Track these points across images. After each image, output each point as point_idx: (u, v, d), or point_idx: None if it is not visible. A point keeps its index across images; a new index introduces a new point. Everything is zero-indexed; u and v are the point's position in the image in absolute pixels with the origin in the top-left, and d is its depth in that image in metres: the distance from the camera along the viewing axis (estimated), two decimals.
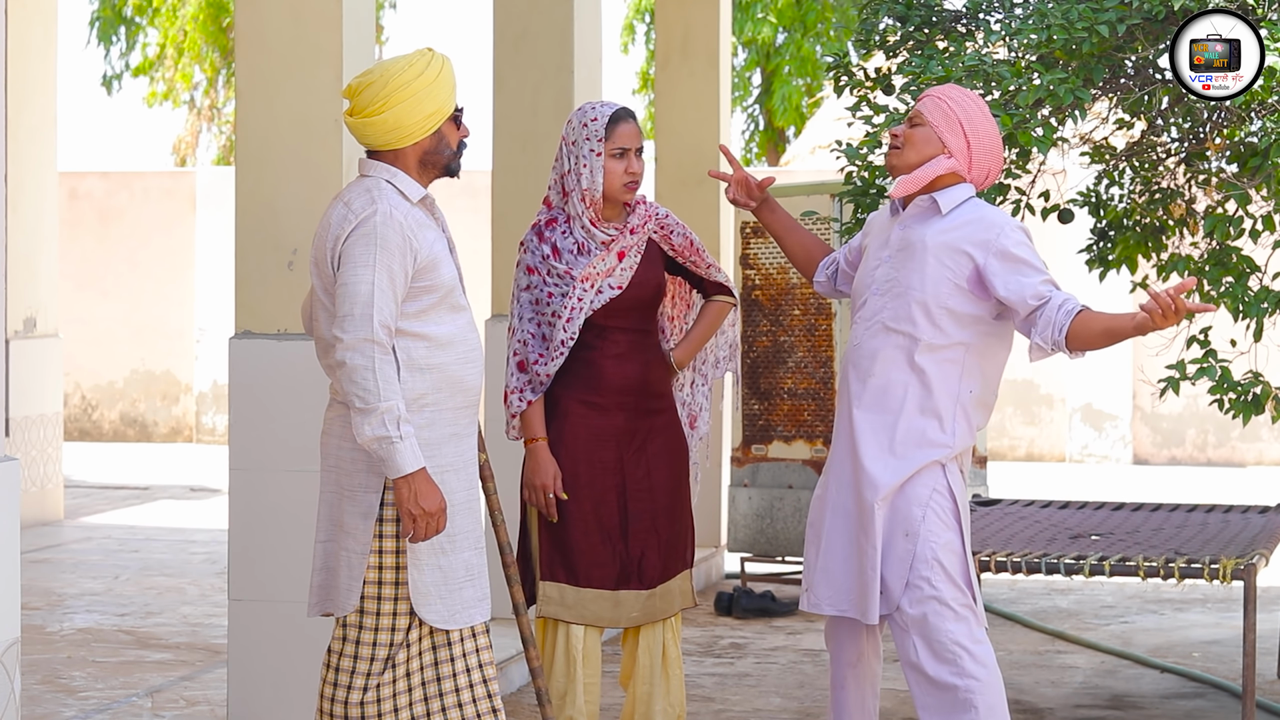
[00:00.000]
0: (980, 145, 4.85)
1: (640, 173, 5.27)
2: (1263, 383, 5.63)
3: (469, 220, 15.15)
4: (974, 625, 4.81)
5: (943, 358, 4.82)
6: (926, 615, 4.77)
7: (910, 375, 4.82)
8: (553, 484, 5.25)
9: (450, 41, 44.66)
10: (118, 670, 7.05)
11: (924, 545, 4.78)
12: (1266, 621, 7.65)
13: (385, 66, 4.48)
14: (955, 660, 4.77)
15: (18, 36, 10.69)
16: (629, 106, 5.37)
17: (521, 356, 5.31)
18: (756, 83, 24.22)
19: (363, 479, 4.45)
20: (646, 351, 5.38)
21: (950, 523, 4.80)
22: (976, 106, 4.88)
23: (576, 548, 5.28)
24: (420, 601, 4.45)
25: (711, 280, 5.52)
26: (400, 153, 4.51)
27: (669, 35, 9.89)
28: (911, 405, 4.82)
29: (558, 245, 5.28)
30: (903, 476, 4.79)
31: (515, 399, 5.29)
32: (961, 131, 4.83)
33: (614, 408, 5.32)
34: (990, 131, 4.88)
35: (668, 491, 5.40)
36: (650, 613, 5.36)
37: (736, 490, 8.99)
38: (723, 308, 5.53)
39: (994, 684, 4.80)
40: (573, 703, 5.27)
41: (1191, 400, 14.91)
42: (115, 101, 51.97)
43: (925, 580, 4.77)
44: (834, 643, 5.04)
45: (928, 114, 4.86)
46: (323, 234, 4.46)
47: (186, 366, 16.74)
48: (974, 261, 4.77)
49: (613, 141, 5.24)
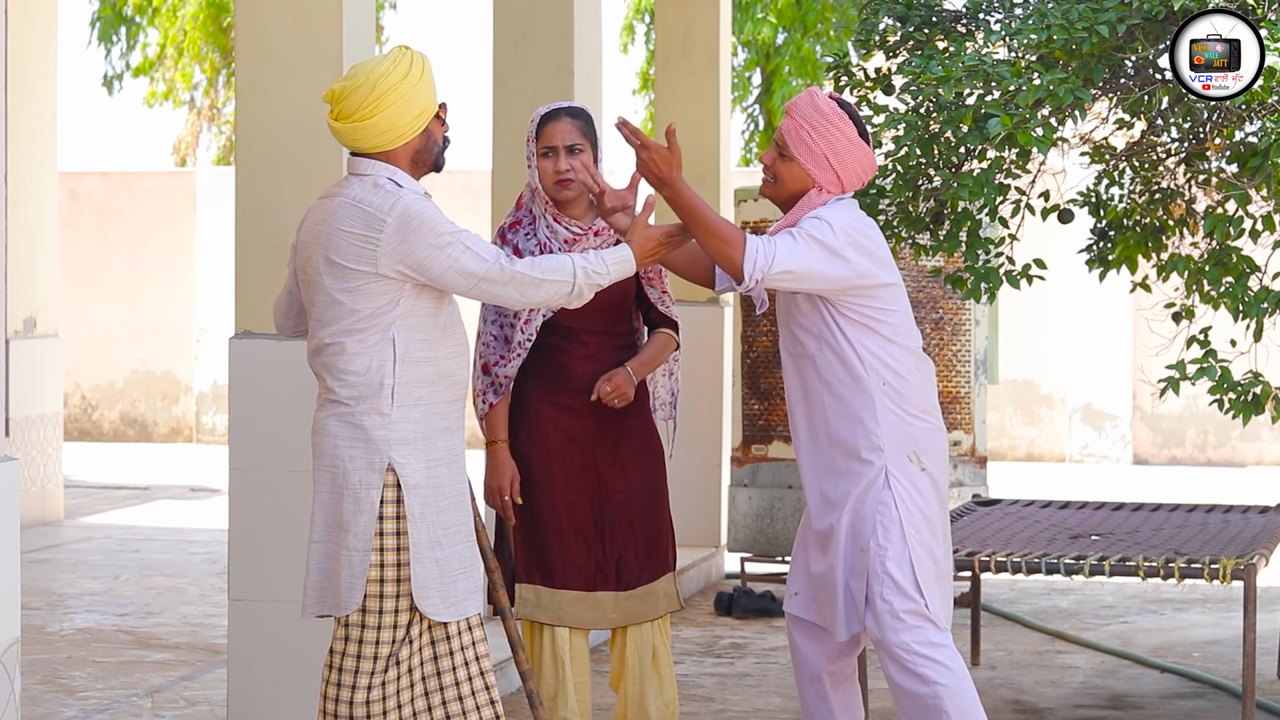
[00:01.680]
0: (849, 168, 4.87)
1: (574, 169, 5.21)
2: (1263, 383, 5.63)
3: (469, 220, 15.07)
4: (931, 632, 4.82)
5: (836, 362, 4.85)
6: (882, 628, 4.82)
7: (821, 391, 4.88)
8: (509, 487, 5.27)
9: (450, 41, 44.64)
10: (118, 670, 7.05)
11: (874, 560, 4.83)
12: (1266, 621, 7.65)
13: (369, 70, 4.47)
14: (916, 669, 4.81)
15: (18, 36, 10.69)
16: (577, 106, 5.37)
17: (485, 359, 5.34)
18: (756, 83, 24.21)
19: (362, 476, 4.46)
20: (618, 353, 5.38)
21: (895, 534, 4.82)
22: (836, 126, 4.84)
23: (551, 549, 5.30)
24: (419, 595, 4.47)
25: (661, 310, 5.46)
26: (391, 154, 4.52)
27: (669, 35, 9.89)
28: (835, 420, 4.86)
29: (519, 247, 5.30)
30: (842, 480, 4.85)
31: (479, 402, 5.34)
32: (828, 164, 4.85)
33: (584, 409, 5.32)
34: (855, 151, 4.86)
35: (644, 492, 5.40)
36: (630, 614, 5.36)
37: (736, 490, 8.99)
38: (669, 340, 5.45)
39: (961, 686, 4.82)
40: (564, 703, 5.28)
41: (1191, 400, 14.91)
42: (115, 101, 51.92)
43: (878, 594, 4.82)
44: (801, 643, 5.07)
45: (793, 147, 4.86)
46: (333, 232, 4.44)
47: (186, 366, 16.74)
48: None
49: (541, 140, 5.29)
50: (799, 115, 4.86)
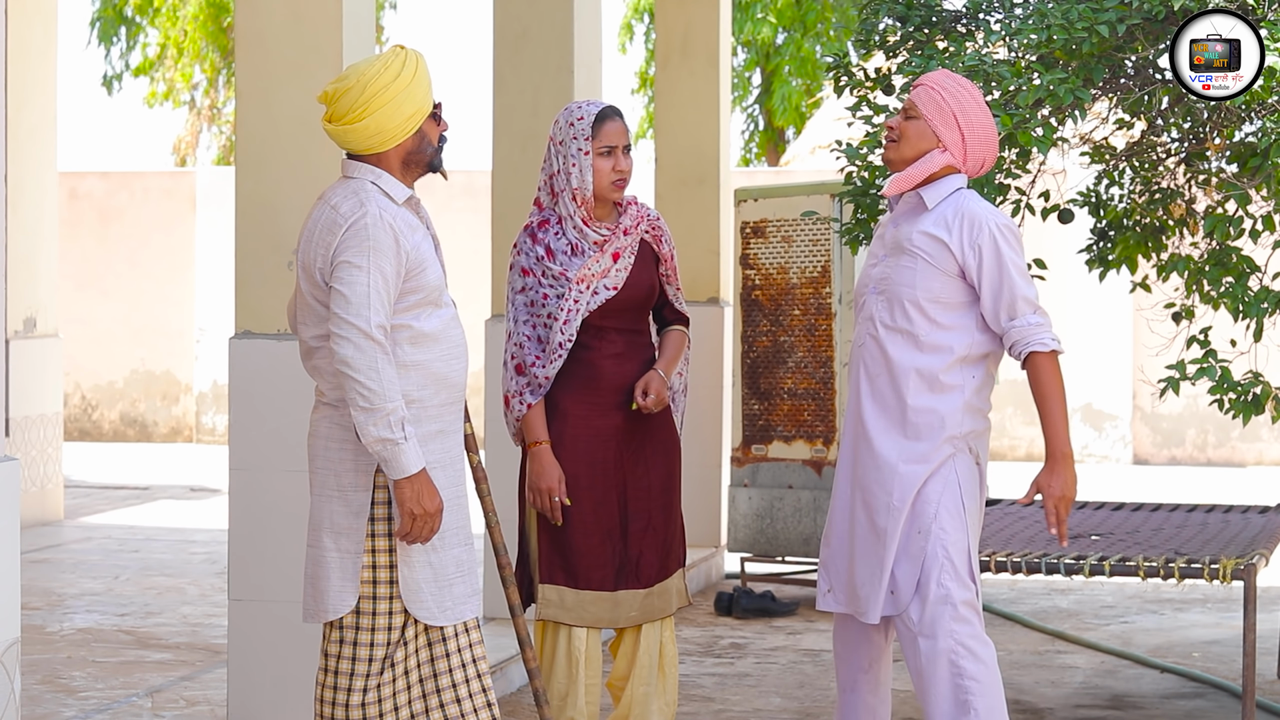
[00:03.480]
0: (975, 136, 4.85)
1: (628, 170, 5.26)
2: (1263, 383, 5.63)
3: (469, 220, 15.14)
4: (977, 625, 4.81)
5: (942, 347, 4.83)
6: (934, 615, 4.77)
7: (912, 369, 4.84)
8: (558, 487, 5.24)
9: (450, 41, 44.68)
10: (118, 670, 7.05)
11: (935, 543, 4.79)
12: (1266, 621, 7.65)
13: (361, 71, 4.46)
14: (957, 660, 4.77)
15: (18, 36, 10.69)
16: (615, 105, 5.38)
17: (519, 359, 5.30)
18: (756, 83, 24.22)
19: (352, 478, 4.46)
20: (643, 350, 5.38)
21: (959, 519, 4.81)
22: (970, 95, 4.87)
23: (577, 550, 5.27)
24: (412, 599, 4.46)
25: (677, 307, 5.47)
26: (383, 155, 4.51)
27: (669, 35, 9.89)
28: (916, 395, 4.83)
29: (551, 246, 5.27)
30: (915, 458, 4.80)
31: (516, 402, 5.29)
32: (956, 124, 4.83)
33: (612, 407, 5.32)
34: (984, 121, 4.87)
35: (663, 488, 5.40)
36: (648, 612, 5.36)
37: (736, 490, 8.99)
38: (683, 337, 5.47)
39: (993, 685, 4.80)
40: (574, 704, 5.27)
41: (1191, 400, 14.91)
42: (115, 101, 51.97)
43: (935, 580, 4.78)
44: (842, 645, 5.03)
45: (921, 106, 4.86)
46: (311, 239, 4.46)
47: (186, 366, 16.73)
48: (955, 259, 4.79)
49: (599, 140, 5.24)
50: (932, 81, 4.88)
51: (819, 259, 8.66)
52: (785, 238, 8.75)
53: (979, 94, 4.89)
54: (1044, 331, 4.79)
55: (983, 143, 4.87)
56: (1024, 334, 4.78)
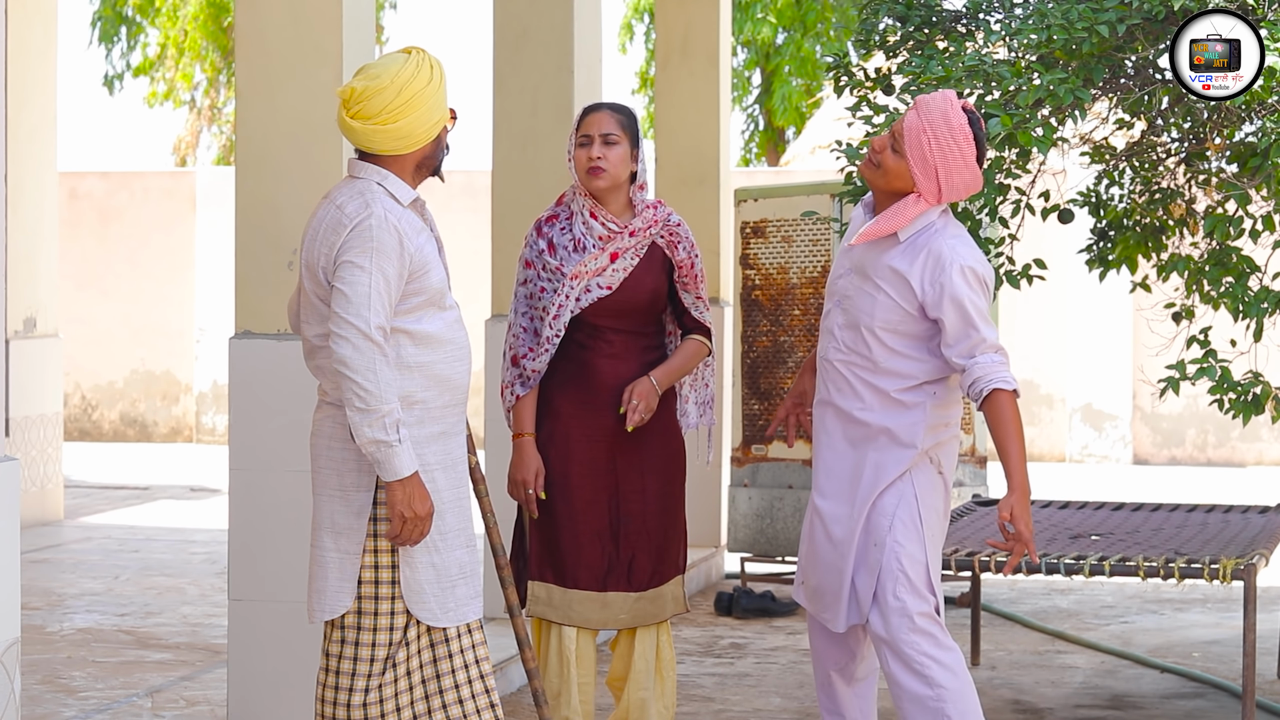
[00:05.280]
0: (951, 188, 4.80)
1: (602, 159, 5.23)
2: (1263, 383, 5.63)
3: (469, 220, 15.14)
4: (939, 634, 4.82)
5: (901, 373, 4.83)
6: (892, 628, 4.80)
7: (868, 387, 4.85)
8: (533, 480, 5.26)
9: (450, 41, 44.67)
10: (118, 670, 7.05)
11: (889, 556, 4.81)
12: (1266, 621, 7.65)
13: (394, 73, 4.42)
14: (923, 670, 4.80)
15: (18, 36, 10.69)
16: (617, 102, 5.39)
17: (515, 351, 5.34)
18: (756, 83, 24.22)
19: (354, 478, 4.46)
20: (644, 354, 5.37)
21: (915, 532, 4.82)
22: (957, 149, 4.75)
23: (565, 549, 5.29)
24: (414, 600, 4.46)
25: (694, 315, 5.43)
26: (400, 157, 4.50)
27: (669, 35, 9.89)
28: (875, 413, 4.83)
29: (554, 241, 5.29)
30: (870, 469, 4.81)
31: (507, 393, 5.34)
32: (935, 178, 4.77)
33: (606, 408, 5.31)
34: (965, 175, 4.79)
35: (660, 496, 5.39)
36: (639, 616, 5.35)
37: (736, 490, 8.99)
38: (700, 348, 5.42)
39: (964, 691, 4.81)
40: (568, 703, 5.28)
41: (1191, 400, 14.91)
42: (116, 101, 51.96)
43: (890, 592, 4.80)
44: (818, 641, 5.06)
45: (908, 147, 4.77)
46: (315, 238, 4.46)
47: (186, 366, 16.73)
48: (916, 295, 4.78)
49: (580, 131, 5.30)
50: (927, 119, 4.76)
51: (819, 259, 8.67)
52: (785, 238, 8.76)
53: (970, 142, 4.77)
54: (1004, 369, 4.74)
55: (958, 191, 4.83)
56: (986, 371, 4.71)
